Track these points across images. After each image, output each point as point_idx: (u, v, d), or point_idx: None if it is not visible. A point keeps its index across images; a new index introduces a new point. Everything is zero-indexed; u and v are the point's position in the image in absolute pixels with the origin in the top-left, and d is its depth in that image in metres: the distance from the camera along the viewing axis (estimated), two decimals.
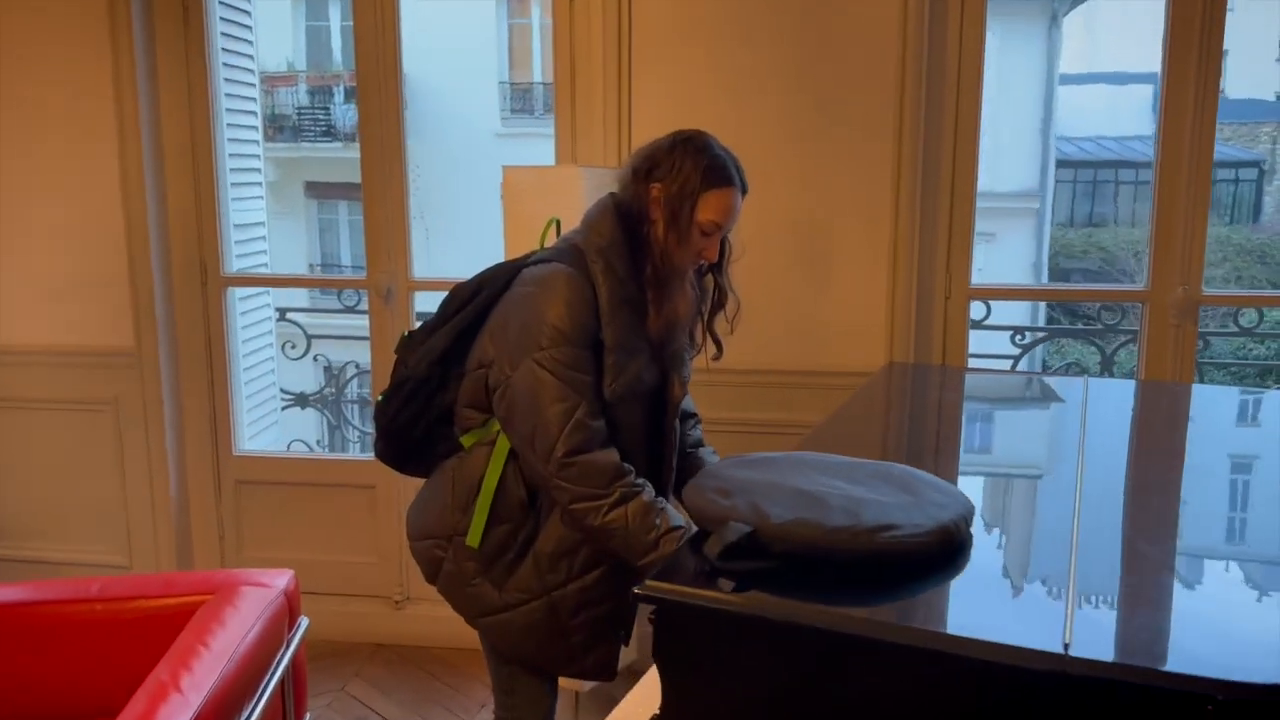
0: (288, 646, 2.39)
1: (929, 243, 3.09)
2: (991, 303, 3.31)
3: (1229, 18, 2.95)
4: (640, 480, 1.90)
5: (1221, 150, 12.77)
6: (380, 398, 2.07)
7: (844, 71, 3.02)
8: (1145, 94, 15.38)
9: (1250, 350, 8.23)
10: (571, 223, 2.16)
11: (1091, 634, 1.19)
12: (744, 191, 1.95)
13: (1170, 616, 1.32)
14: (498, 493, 1.95)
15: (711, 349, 2.09)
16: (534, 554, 1.97)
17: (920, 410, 2.61)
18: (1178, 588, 1.41)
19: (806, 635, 1.21)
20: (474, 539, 1.97)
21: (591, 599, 2.00)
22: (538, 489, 1.95)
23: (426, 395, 2.03)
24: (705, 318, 2.07)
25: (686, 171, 1.88)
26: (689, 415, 2.22)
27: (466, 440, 2.02)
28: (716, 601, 1.27)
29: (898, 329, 3.10)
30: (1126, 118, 14.92)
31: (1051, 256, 12.25)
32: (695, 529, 1.83)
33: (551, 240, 2.13)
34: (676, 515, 1.88)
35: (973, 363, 3.32)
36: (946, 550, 1.36)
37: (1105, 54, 15.76)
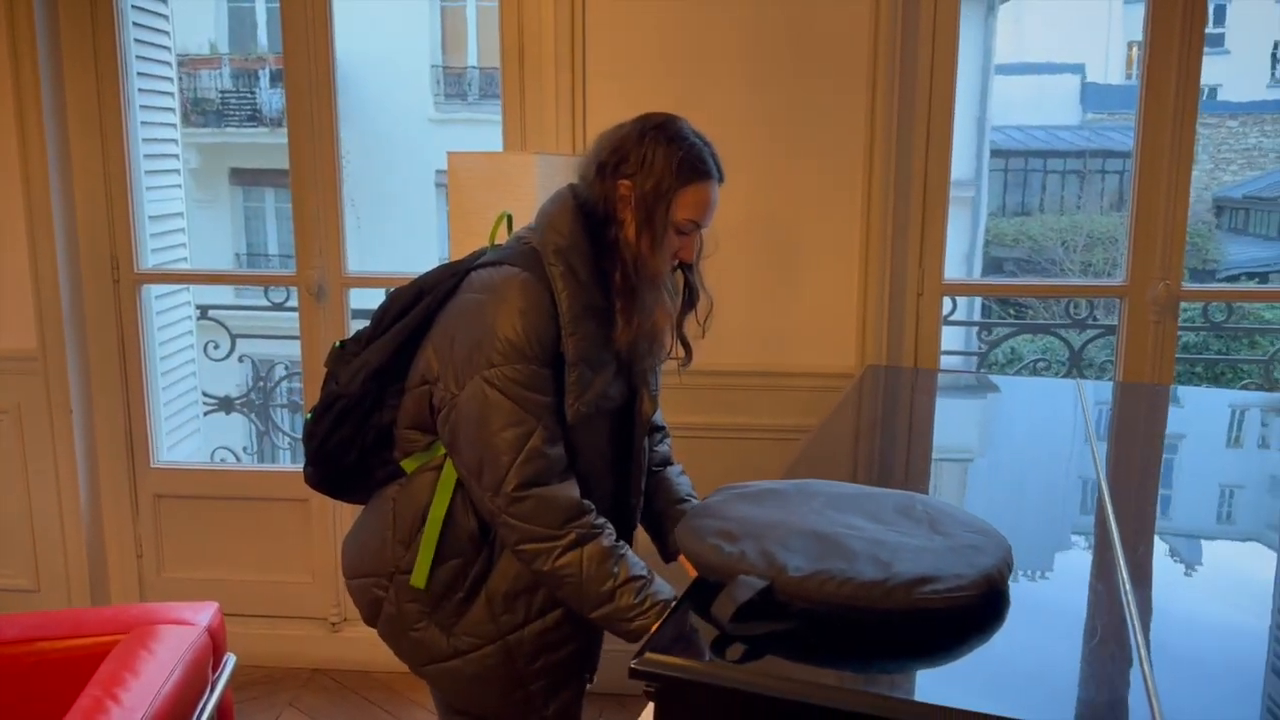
0: (212, 690, 2.15)
1: (901, 237, 2.93)
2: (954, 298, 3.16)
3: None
4: (600, 521, 1.67)
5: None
6: (308, 416, 1.83)
7: (812, 55, 2.84)
8: (1071, 84, 15.62)
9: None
10: (522, 217, 1.93)
11: (1181, 705, 1.01)
12: (721, 181, 1.74)
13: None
14: (445, 525, 1.73)
15: (680, 353, 1.87)
16: (486, 593, 1.75)
17: (907, 425, 2.44)
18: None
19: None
20: (419, 579, 1.74)
21: (552, 642, 1.78)
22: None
23: (361, 415, 1.78)
24: (674, 319, 1.85)
25: (659, 166, 1.65)
26: (656, 429, 2.00)
27: (408, 465, 1.78)
28: (729, 680, 1.06)
29: (869, 328, 2.94)
30: (1053, 108, 15.12)
31: (984, 246, 12.33)
32: (659, 580, 1.64)
33: (503, 238, 1.89)
34: (638, 563, 1.66)
35: (942, 361, 3.18)
36: (989, 601, 1.17)
37: (1032, 44, 15.97)
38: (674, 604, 1.33)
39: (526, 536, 1.63)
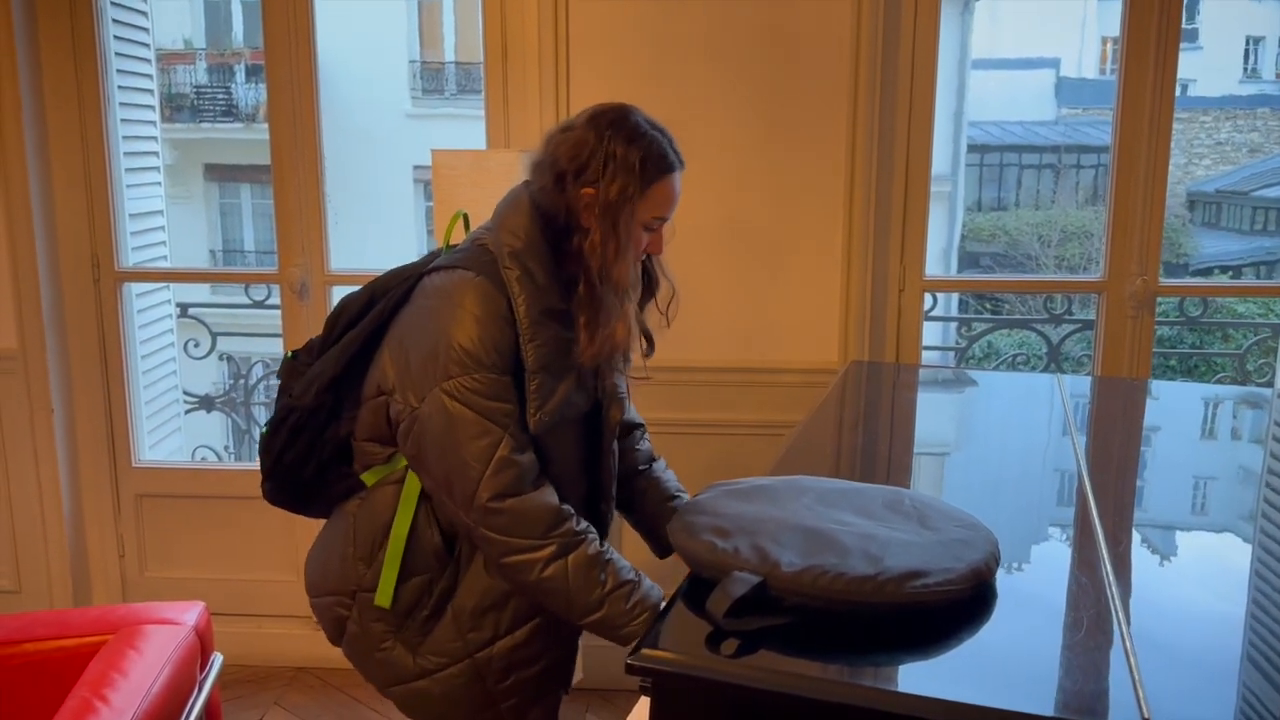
0: (200, 690, 2.15)
1: (883, 233, 2.95)
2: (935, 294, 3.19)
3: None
4: (582, 526, 1.62)
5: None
6: (264, 429, 1.77)
7: (795, 53, 2.86)
8: (1047, 79, 15.72)
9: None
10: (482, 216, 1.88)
11: (1170, 701, 1.03)
12: (682, 168, 1.65)
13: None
14: (409, 540, 1.66)
15: (642, 344, 1.77)
16: (453, 610, 1.68)
17: (890, 420, 2.47)
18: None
19: (835, 712, 1.03)
20: (384, 598, 1.67)
21: (523, 659, 1.73)
22: (458, 534, 1.67)
23: (317, 428, 1.71)
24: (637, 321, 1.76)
25: (622, 169, 1.56)
26: (634, 426, 1.94)
27: (369, 478, 1.71)
28: (724, 674, 1.08)
29: (852, 324, 2.96)
30: (1028, 103, 15.22)
31: (960, 241, 12.41)
32: (647, 583, 1.62)
33: (460, 238, 1.78)
34: (626, 566, 1.63)
35: (922, 356, 3.20)
36: (977, 594, 1.19)
37: (1008, 39, 16.06)
38: (664, 606, 1.33)
39: (508, 550, 1.58)
